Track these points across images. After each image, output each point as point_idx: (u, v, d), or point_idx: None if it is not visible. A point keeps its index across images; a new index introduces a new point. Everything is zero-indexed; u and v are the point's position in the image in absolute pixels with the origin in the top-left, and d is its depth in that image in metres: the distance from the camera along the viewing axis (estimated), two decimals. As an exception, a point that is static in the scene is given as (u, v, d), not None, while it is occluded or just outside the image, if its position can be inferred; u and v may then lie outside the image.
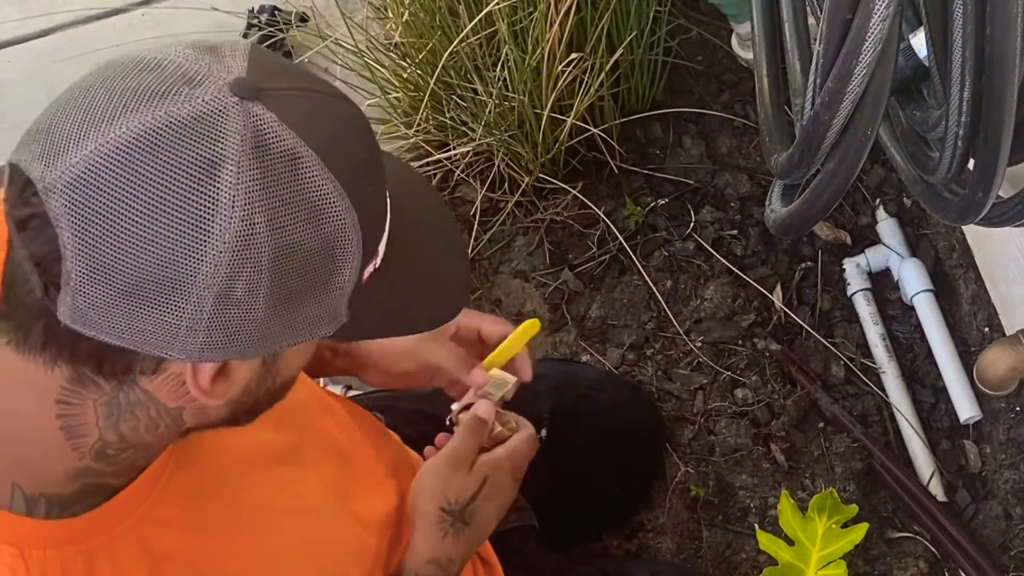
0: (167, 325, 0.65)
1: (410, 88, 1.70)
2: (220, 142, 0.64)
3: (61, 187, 0.63)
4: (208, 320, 0.65)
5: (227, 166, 0.63)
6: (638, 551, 1.52)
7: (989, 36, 0.77)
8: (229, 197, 0.63)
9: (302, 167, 0.66)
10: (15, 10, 2.07)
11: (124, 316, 0.65)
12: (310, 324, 0.70)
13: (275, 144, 0.65)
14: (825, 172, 0.92)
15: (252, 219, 0.64)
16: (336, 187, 0.67)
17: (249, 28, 1.95)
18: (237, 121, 0.64)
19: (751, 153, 1.78)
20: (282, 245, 0.65)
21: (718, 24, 1.82)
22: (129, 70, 0.66)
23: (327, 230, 0.67)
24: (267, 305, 0.66)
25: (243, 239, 0.64)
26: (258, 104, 0.65)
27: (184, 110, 0.64)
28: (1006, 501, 1.51)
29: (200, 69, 0.66)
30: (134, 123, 0.63)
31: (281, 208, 0.65)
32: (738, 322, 1.65)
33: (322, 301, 0.69)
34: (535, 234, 1.73)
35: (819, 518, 1.29)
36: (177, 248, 0.63)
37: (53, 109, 0.67)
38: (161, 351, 0.66)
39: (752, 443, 1.57)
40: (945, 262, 1.67)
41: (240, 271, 0.64)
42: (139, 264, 0.63)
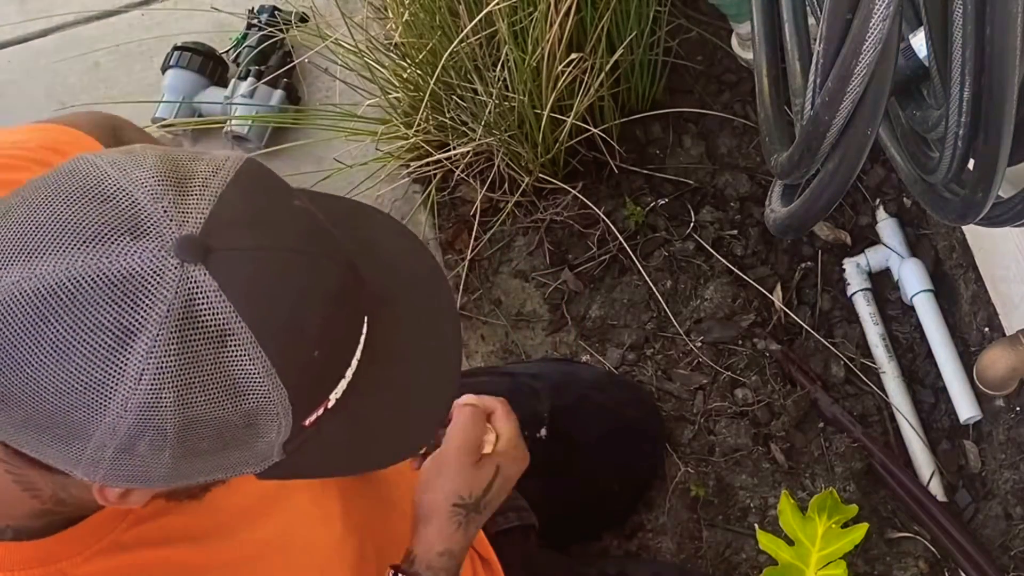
0: (68, 457, 0.63)
1: (410, 88, 1.70)
2: (143, 310, 0.60)
3: None
4: (109, 463, 0.63)
5: (142, 338, 0.60)
6: (638, 551, 1.52)
7: (989, 36, 0.77)
8: (137, 370, 0.60)
9: (229, 345, 0.62)
10: (15, 10, 2.07)
11: (27, 438, 0.63)
12: (232, 467, 0.67)
13: (205, 318, 0.61)
14: (825, 172, 0.92)
15: (159, 394, 0.61)
16: (265, 367, 0.63)
17: (249, 28, 1.95)
18: (169, 289, 0.60)
19: (751, 153, 1.78)
20: (191, 419, 0.62)
21: (718, 24, 1.82)
22: (81, 195, 0.62)
23: (247, 406, 0.63)
24: (173, 459, 0.64)
25: (146, 410, 0.61)
26: (200, 268, 0.61)
27: (116, 266, 0.60)
28: (1006, 501, 1.51)
29: (152, 214, 0.61)
30: (63, 265, 0.60)
31: (195, 386, 0.61)
32: (738, 322, 1.65)
33: (244, 453, 0.66)
34: (535, 234, 1.73)
35: (819, 518, 1.29)
36: (77, 403, 0.61)
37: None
38: (67, 469, 0.65)
39: (752, 443, 1.57)
40: (945, 262, 1.67)
41: (142, 434, 0.62)
42: (39, 405, 0.61)
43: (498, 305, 1.70)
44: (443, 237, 1.75)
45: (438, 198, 1.75)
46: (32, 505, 0.73)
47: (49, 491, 0.72)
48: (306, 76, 1.92)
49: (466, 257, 1.71)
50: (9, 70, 2.04)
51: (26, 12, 2.06)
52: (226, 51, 1.96)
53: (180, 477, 0.66)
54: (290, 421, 0.66)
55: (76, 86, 1.98)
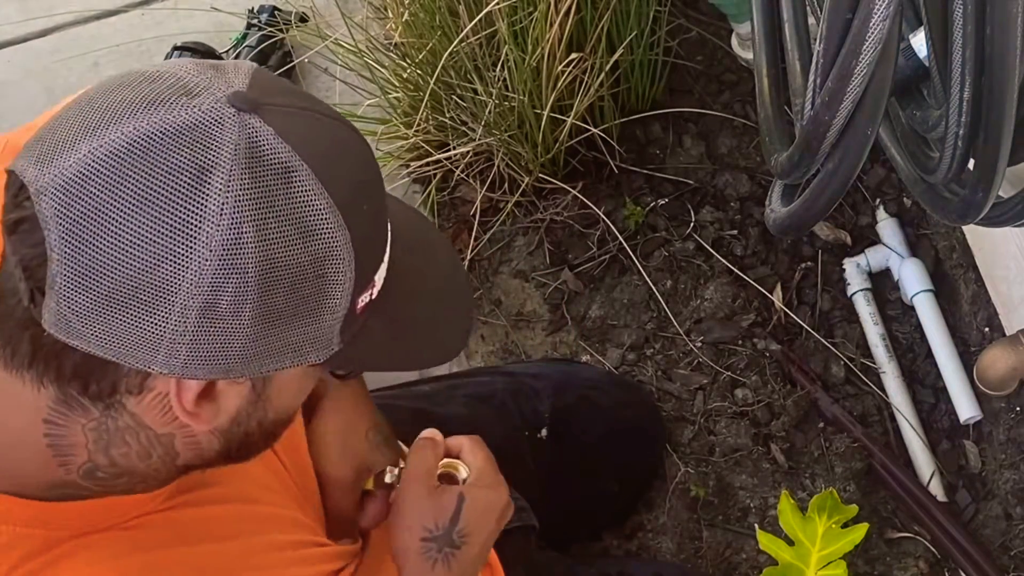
0: (150, 335, 0.64)
1: (410, 88, 1.70)
2: (213, 150, 0.63)
3: (52, 190, 0.63)
4: (192, 332, 0.64)
5: (218, 173, 0.63)
6: (638, 551, 1.52)
7: (989, 36, 0.77)
8: (218, 204, 0.63)
9: (294, 181, 0.65)
10: (15, 10, 2.07)
11: (107, 324, 0.64)
12: (299, 348, 0.69)
13: (269, 156, 0.65)
14: (825, 172, 0.92)
15: (240, 228, 0.63)
16: (329, 204, 0.66)
17: (249, 28, 1.95)
18: (232, 131, 0.64)
19: (751, 153, 1.78)
20: (270, 258, 0.64)
21: (718, 24, 1.82)
22: (129, 81, 0.66)
23: (317, 247, 0.66)
24: (253, 321, 0.65)
25: (230, 248, 0.63)
26: (255, 117, 0.65)
27: (179, 117, 0.64)
28: (1006, 501, 1.51)
29: (200, 81, 0.66)
30: (128, 128, 0.63)
31: (271, 220, 0.64)
32: (738, 322, 1.65)
33: (311, 324, 0.68)
34: (535, 234, 1.73)
35: (819, 518, 1.29)
36: (163, 253, 0.63)
37: (54, 118, 0.67)
38: (144, 364, 0.65)
39: (752, 443, 1.57)
40: (945, 262, 1.67)
41: (226, 282, 0.64)
42: (124, 268, 0.63)
43: (498, 305, 1.70)
44: (443, 237, 1.75)
45: (438, 198, 1.75)
46: (54, 475, 0.73)
47: (84, 457, 0.72)
48: (306, 76, 1.92)
49: (466, 257, 1.71)
50: (9, 70, 2.04)
51: (26, 12, 2.06)
52: (226, 51, 1.96)
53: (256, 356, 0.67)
54: (352, 282, 0.68)
55: (76, 86, 1.97)
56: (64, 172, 0.63)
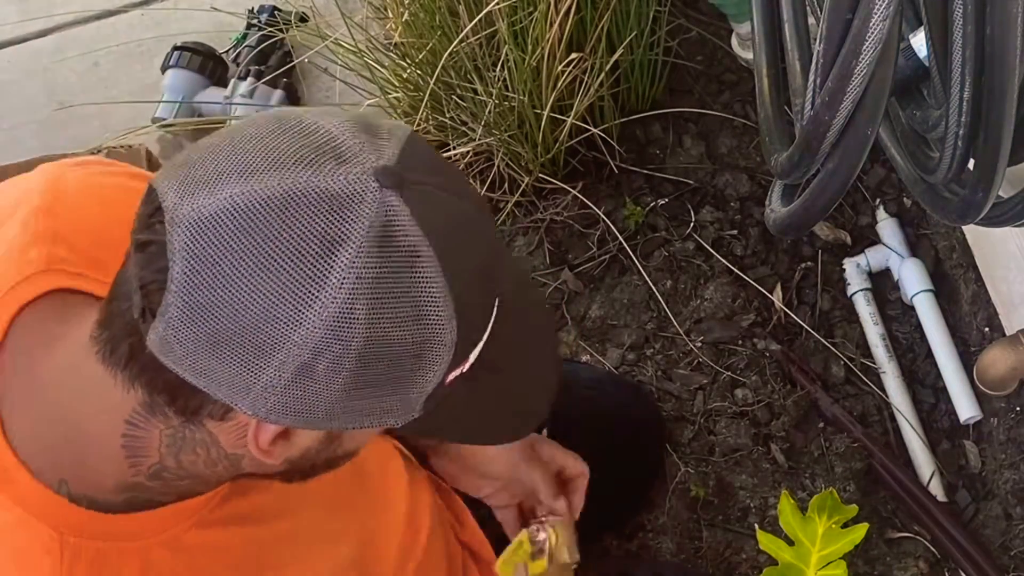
0: (244, 381, 0.66)
1: (410, 88, 1.70)
2: (347, 223, 0.64)
3: (187, 223, 0.64)
4: (284, 387, 0.66)
5: (347, 248, 0.64)
6: (638, 551, 1.52)
7: (989, 36, 0.77)
8: (339, 278, 0.64)
9: (418, 266, 0.66)
10: (15, 10, 2.07)
11: (206, 360, 0.66)
12: (381, 413, 0.70)
13: (400, 238, 0.65)
14: (825, 172, 0.91)
15: (354, 306, 0.64)
16: (445, 293, 0.67)
17: (249, 28, 1.95)
18: (371, 208, 0.65)
19: (751, 153, 1.78)
20: (376, 336, 0.66)
21: (718, 24, 1.82)
22: (286, 130, 0.67)
23: (424, 332, 0.67)
24: (344, 388, 0.67)
25: (341, 321, 0.64)
26: (396, 195, 0.66)
27: (324, 184, 0.65)
28: (1006, 501, 1.51)
29: (352, 147, 0.67)
30: (274, 182, 0.64)
31: (387, 301, 0.65)
32: (738, 322, 1.65)
33: (399, 396, 0.70)
34: (535, 234, 1.73)
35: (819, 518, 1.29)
36: (276, 312, 0.64)
37: (205, 146, 0.68)
38: (232, 401, 0.67)
39: (752, 443, 1.57)
40: (945, 262, 1.67)
41: (328, 350, 0.65)
42: (236, 317, 0.64)
43: (498, 305, 1.70)
44: (443, 237, 1.75)
45: (438, 198, 1.75)
46: (125, 476, 0.75)
47: (155, 458, 0.74)
48: (306, 76, 1.92)
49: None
50: (9, 70, 2.04)
51: (26, 12, 2.06)
52: (226, 51, 1.96)
53: (340, 415, 0.69)
54: (447, 363, 0.70)
55: (76, 86, 1.98)
56: (203, 209, 0.64)
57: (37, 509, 0.74)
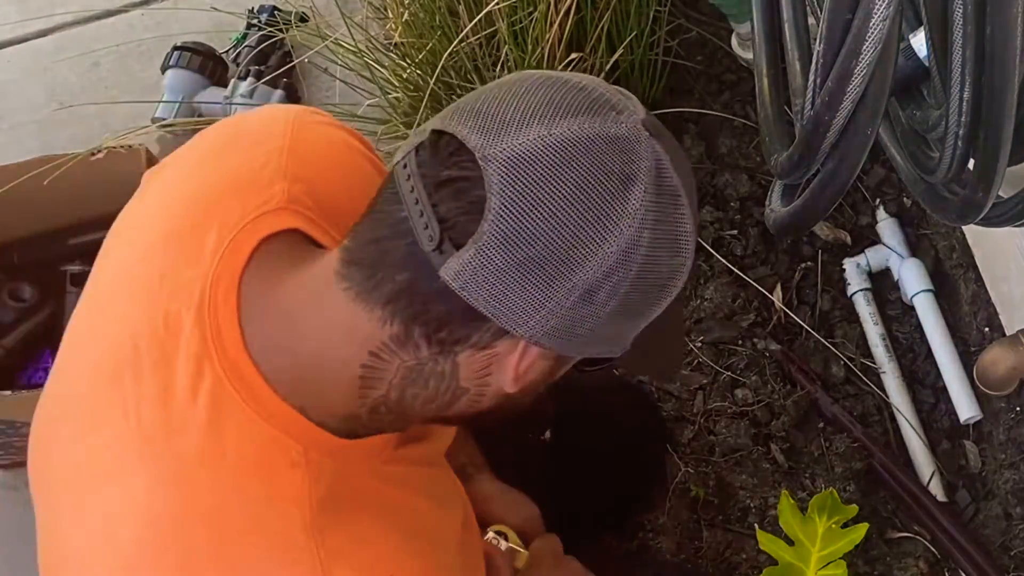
0: (535, 303, 0.73)
1: (410, 88, 1.70)
2: (635, 163, 0.74)
3: (502, 159, 0.71)
4: (567, 309, 0.73)
5: (638, 184, 0.73)
6: (638, 551, 1.52)
7: (989, 36, 0.77)
8: (634, 209, 0.73)
9: (680, 205, 0.76)
10: (15, 10, 2.07)
11: (508, 285, 0.72)
12: (615, 342, 0.79)
13: (668, 180, 0.75)
14: (825, 172, 0.92)
15: (641, 234, 0.73)
16: (693, 229, 0.77)
17: (249, 28, 1.95)
18: (648, 152, 0.74)
19: (751, 153, 1.78)
20: (648, 264, 0.74)
21: (718, 24, 1.82)
22: (559, 85, 0.75)
23: (677, 262, 0.77)
24: (612, 312, 0.75)
25: (629, 248, 0.73)
26: (659, 143, 0.75)
27: (612, 129, 0.74)
28: (1006, 501, 1.51)
29: (619, 101, 0.76)
30: (574, 125, 0.73)
31: (661, 233, 0.74)
32: (738, 322, 1.65)
33: (636, 325, 0.79)
34: (535, 234, 1.73)
35: (819, 518, 1.29)
36: (582, 238, 0.72)
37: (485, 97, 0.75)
38: (513, 325, 0.74)
39: (752, 443, 1.57)
40: (945, 262, 1.67)
41: (613, 276, 0.73)
42: (546, 242, 0.71)
43: (498, 305, 1.70)
44: (443, 237, 1.75)
45: (438, 198, 1.75)
46: (349, 406, 0.80)
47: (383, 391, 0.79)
48: (306, 76, 1.92)
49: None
50: (9, 70, 2.04)
51: (26, 12, 2.06)
52: (226, 51, 1.96)
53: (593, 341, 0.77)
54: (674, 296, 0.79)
55: (76, 86, 1.98)
56: (515, 147, 0.72)
57: (284, 426, 0.79)
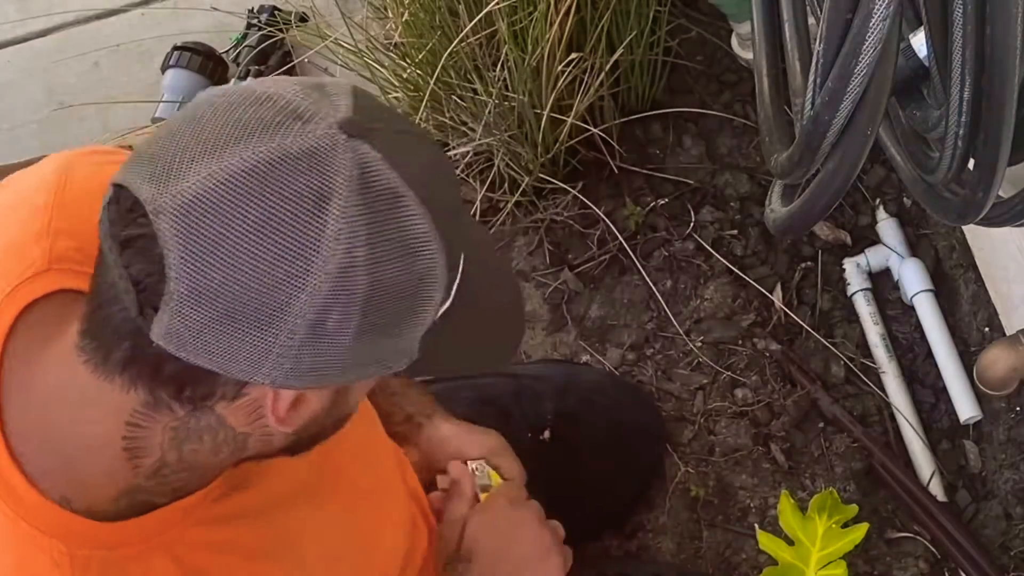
0: (259, 350, 0.66)
1: (410, 88, 1.70)
2: (329, 176, 0.65)
3: (172, 210, 0.64)
4: (298, 348, 0.66)
5: (335, 200, 0.65)
6: (638, 551, 1.52)
7: (989, 36, 0.77)
8: (335, 230, 0.65)
9: (401, 205, 0.67)
10: (15, 10, 2.07)
11: (218, 338, 0.65)
12: (387, 359, 0.71)
13: (379, 181, 0.66)
14: (825, 172, 0.91)
15: (353, 253, 0.65)
16: (431, 227, 0.68)
17: (249, 28, 1.95)
18: (345, 158, 0.66)
19: (751, 153, 1.78)
20: (378, 279, 0.67)
21: (718, 24, 1.82)
22: (241, 102, 0.67)
23: (420, 267, 0.69)
24: (354, 337, 0.67)
25: (343, 271, 0.65)
26: (364, 143, 0.67)
27: (296, 144, 0.65)
28: (1006, 501, 1.51)
29: (309, 106, 0.67)
30: (247, 153, 0.65)
31: (381, 243, 0.66)
32: (738, 322, 1.65)
33: (401, 338, 0.71)
34: (535, 234, 1.73)
35: (819, 518, 1.30)
36: (280, 276, 0.64)
37: (162, 135, 0.68)
38: (247, 375, 0.67)
39: (752, 443, 1.57)
40: (945, 262, 1.67)
41: (336, 302, 0.66)
42: (242, 289, 0.64)
43: (498, 305, 1.70)
44: (443, 237, 1.75)
45: (438, 198, 1.75)
46: (123, 480, 0.75)
47: (156, 455, 0.73)
48: (306, 76, 1.92)
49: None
50: (9, 70, 2.04)
51: (26, 12, 2.06)
52: (226, 51, 1.96)
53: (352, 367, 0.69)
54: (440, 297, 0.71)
55: (76, 86, 1.98)
56: (183, 193, 0.64)
57: (44, 524, 0.74)
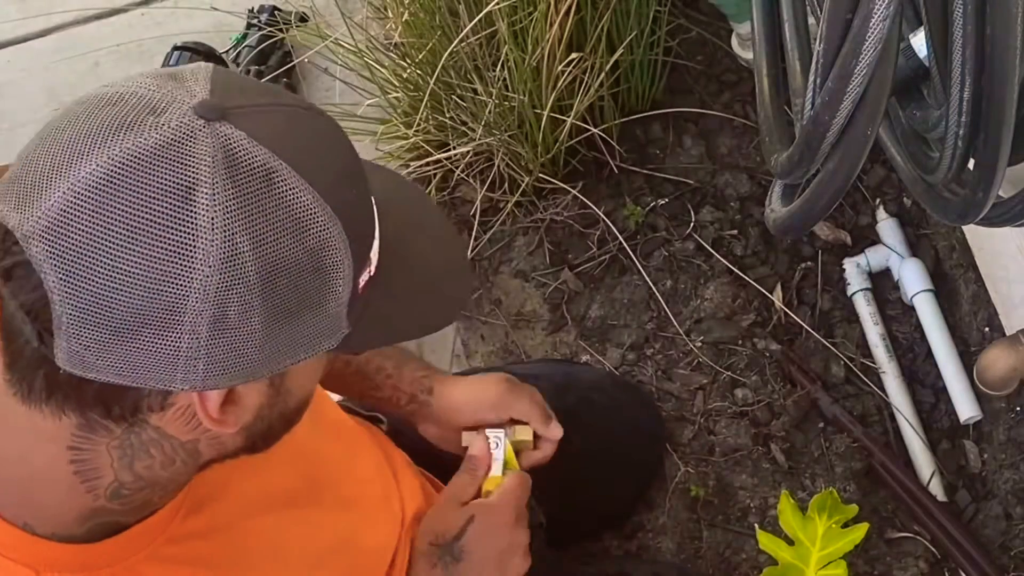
0: (165, 357, 0.64)
1: (410, 88, 1.70)
2: (191, 166, 0.63)
3: (39, 233, 0.62)
4: (207, 346, 0.65)
5: (202, 189, 0.63)
6: (638, 551, 1.52)
7: (989, 36, 0.77)
8: (208, 219, 0.63)
9: (277, 181, 0.65)
10: (15, 10, 2.07)
11: (121, 353, 0.64)
12: (311, 339, 0.69)
13: (247, 161, 0.64)
14: (825, 172, 0.91)
15: (234, 239, 0.63)
16: (315, 197, 0.66)
17: (249, 28, 1.95)
18: (206, 143, 0.64)
19: (751, 153, 1.78)
20: (268, 262, 0.65)
21: (718, 24, 1.82)
22: (93, 107, 0.65)
23: (311, 242, 0.67)
24: (263, 324, 0.66)
25: (228, 260, 0.63)
26: (225, 123, 0.65)
27: (151, 139, 0.63)
28: (1006, 501, 1.51)
29: (163, 97, 0.65)
30: (103, 159, 0.63)
31: (262, 224, 0.64)
32: (738, 322, 1.65)
33: (319, 314, 0.69)
34: (535, 234, 1.73)
35: (819, 518, 1.29)
36: (162, 278, 0.63)
37: (22, 157, 0.66)
38: (165, 384, 0.66)
39: (752, 443, 1.57)
40: (945, 262, 1.67)
41: (230, 293, 0.64)
42: (127, 299, 0.63)
43: (498, 305, 1.70)
44: (443, 237, 1.75)
45: (438, 198, 1.75)
46: (84, 503, 0.74)
47: (110, 476, 0.72)
48: (306, 76, 1.92)
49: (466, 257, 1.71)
50: (9, 70, 2.04)
51: (26, 12, 2.06)
52: (226, 51, 1.96)
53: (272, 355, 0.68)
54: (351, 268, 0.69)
55: (76, 86, 1.98)
56: (47, 214, 0.62)
57: (11, 551, 0.73)
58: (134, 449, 0.71)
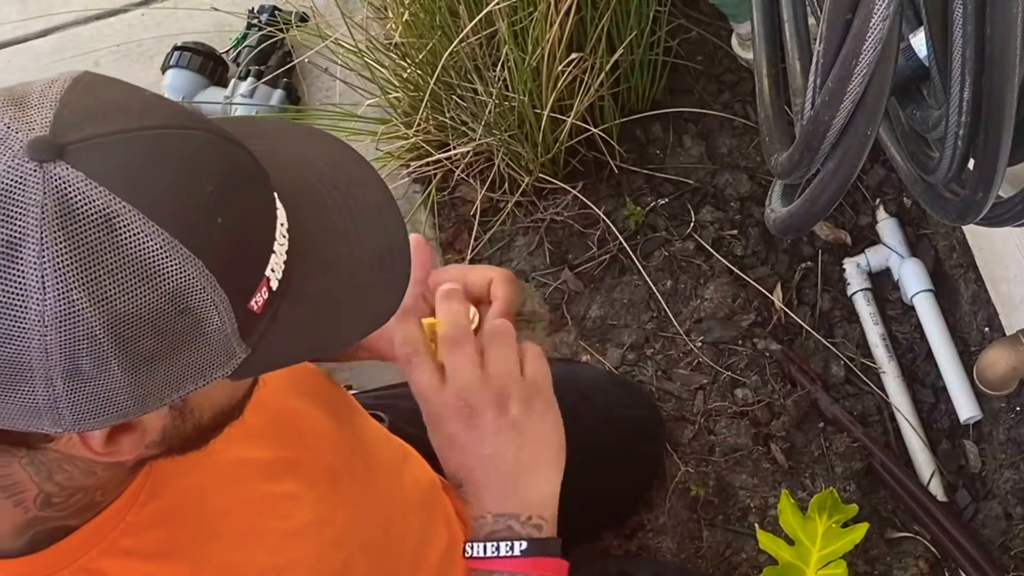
0: (26, 407, 0.61)
1: (410, 88, 1.70)
2: (17, 220, 0.57)
3: None
4: (67, 397, 0.61)
5: (28, 245, 0.57)
6: (638, 551, 1.52)
7: (989, 36, 0.77)
8: (37, 278, 0.58)
9: (118, 227, 0.59)
10: (15, 10, 2.07)
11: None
12: (196, 371, 0.64)
13: (83, 208, 0.58)
14: (825, 172, 0.91)
15: (69, 296, 0.58)
16: (165, 240, 0.60)
17: (249, 28, 1.95)
18: (36, 190, 0.58)
19: (751, 153, 1.78)
20: (115, 315, 0.59)
21: (718, 24, 1.82)
22: None
23: (167, 287, 0.61)
24: (126, 371, 0.61)
25: (65, 319, 0.58)
26: (61, 164, 0.58)
27: None
28: (1006, 501, 1.51)
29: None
30: None
31: (102, 277, 0.59)
32: (738, 322, 1.65)
33: (199, 348, 0.63)
34: (535, 234, 1.73)
35: (819, 518, 1.29)
36: None
37: None
38: (35, 428, 0.62)
39: (752, 443, 1.57)
40: (945, 262, 1.67)
41: (77, 348, 0.59)
42: None
43: (498, 305, 1.70)
44: (443, 237, 1.75)
45: (438, 198, 1.75)
46: (15, 516, 0.72)
47: (34, 489, 0.70)
48: (306, 76, 1.92)
49: (466, 257, 1.71)
50: (9, 70, 2.04)
51: (26, 12, 2.06)
52: (226, 51, 1.96)
53: (147, 395, 0.63)
54: (226, 299, 0.63)
55: (76, 86, 1.98)
56: None
57: None
58: (46, 466, 0.69)
